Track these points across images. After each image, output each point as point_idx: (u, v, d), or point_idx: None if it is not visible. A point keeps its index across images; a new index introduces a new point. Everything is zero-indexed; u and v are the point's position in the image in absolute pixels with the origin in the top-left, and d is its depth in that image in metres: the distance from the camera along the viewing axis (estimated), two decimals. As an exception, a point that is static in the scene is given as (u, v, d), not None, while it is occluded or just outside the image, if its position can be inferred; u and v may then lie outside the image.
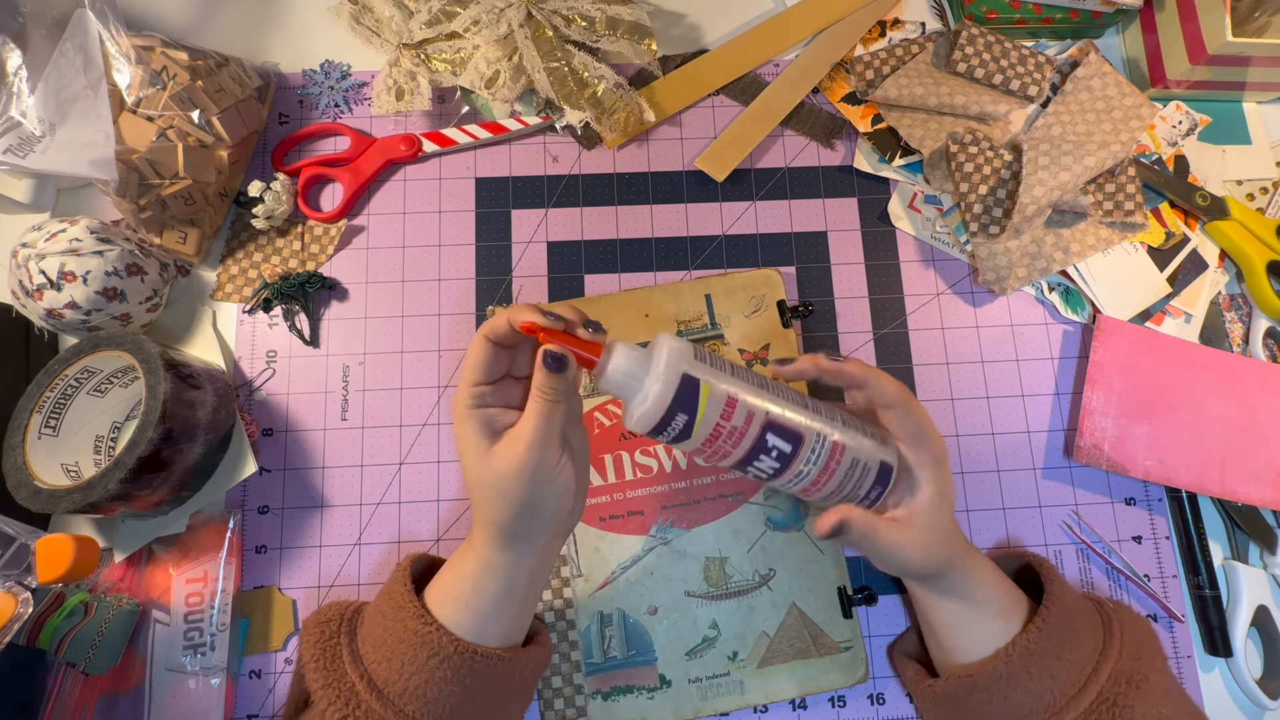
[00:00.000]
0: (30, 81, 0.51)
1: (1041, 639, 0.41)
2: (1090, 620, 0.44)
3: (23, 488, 0.46)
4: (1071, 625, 0.43)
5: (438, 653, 0.39)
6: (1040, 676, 0.41)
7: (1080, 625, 0.43)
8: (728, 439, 0.37)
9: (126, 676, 0.48)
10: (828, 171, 0.61)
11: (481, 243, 0.58)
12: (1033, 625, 0.42)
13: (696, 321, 0.56)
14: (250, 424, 0.53)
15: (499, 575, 0.40)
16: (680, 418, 0.36)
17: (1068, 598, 0.44)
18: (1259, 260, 0.58)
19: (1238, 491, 0.53)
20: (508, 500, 0.37)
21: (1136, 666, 0.42)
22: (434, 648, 0.39)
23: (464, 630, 0.40)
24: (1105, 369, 0.55)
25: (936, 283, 0.59)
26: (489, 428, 0.38)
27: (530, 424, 0.36)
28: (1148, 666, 0.42)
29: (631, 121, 0.59)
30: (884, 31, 0.64)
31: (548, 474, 0.37)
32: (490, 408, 0.38)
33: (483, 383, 0.38)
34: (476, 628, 0.40)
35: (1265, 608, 0.52)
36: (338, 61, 0.62)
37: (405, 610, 0.40)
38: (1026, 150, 0.55)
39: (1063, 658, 0.41)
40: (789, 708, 0.51)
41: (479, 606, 0.40)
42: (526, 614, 0.42)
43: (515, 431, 0.37)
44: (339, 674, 0.40)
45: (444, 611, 0.40)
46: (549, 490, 0.37)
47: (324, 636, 0.42)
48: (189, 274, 0.57)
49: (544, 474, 0.37)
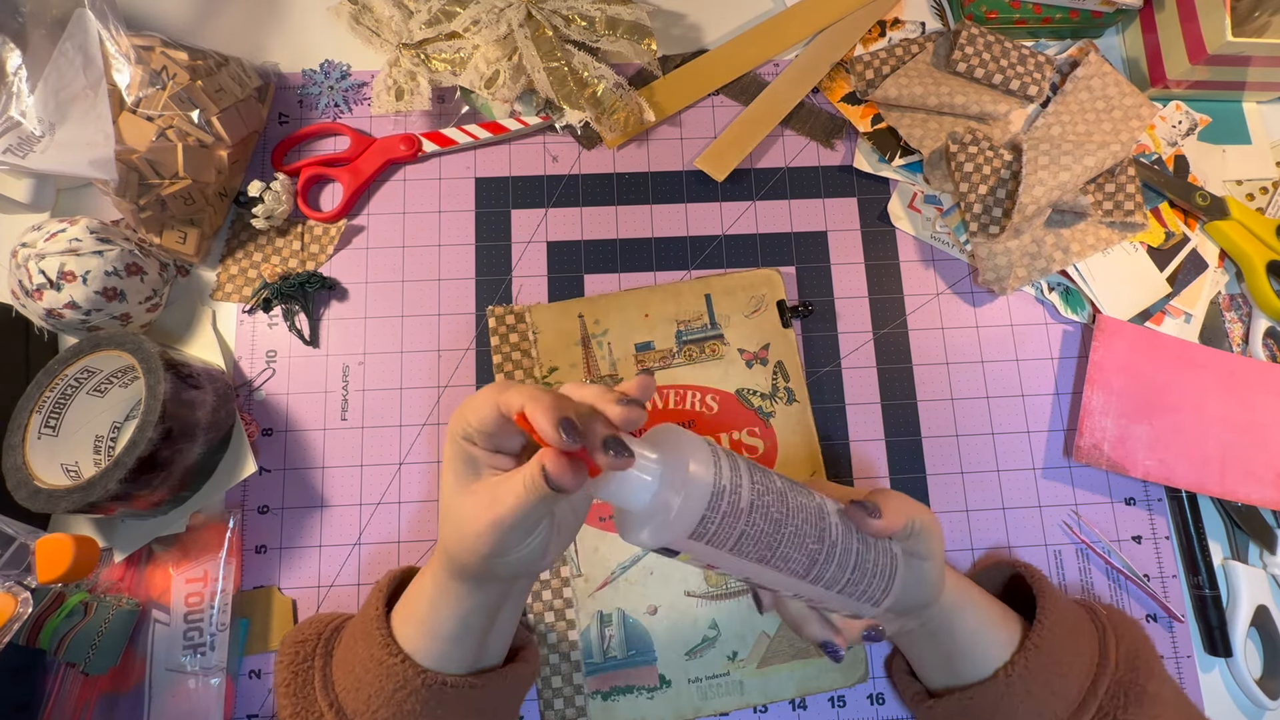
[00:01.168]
0: (30, 81, 0.51)
1: (1039, 656, 0.41)
2: (1085, 631, 0.43)
3: (22, 488, 0.46)
4: (1066, 640, 0.42)
5: (404, 686, 0.37)
6: (1039, 695, 0.40)
7: (1075, 638, 0.43)
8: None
9: (126, 676, 0.48)
10: (828, 171, 0.61)
11: (481, 243, 0.58)
12: (1029, 643, 0.41)
13: (696, 321, 0.56)
14: (250, 424, 0.53)
15: (452, 603, 0.37)
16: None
17: (1061, 611, 0.43)
18: (1259, 260, 0.58)
19: (1238, 491, 0.53)
20: (464, 548, 0.34)
21: (1133, 678, 0.41)
22: (400, 680, 0.37)
23: (427, 656, 0.38)
24: (1105, 369, 0.55)
25: (936, 283, 0.59)
26: (472, 462, 0.34)
27: (508, 503, 0.31)
28: (1144, 676, 0.41)
29: (631, 121, 0.59)
30: (884, 31, 0.64)
31: (516, 542, 0.33)
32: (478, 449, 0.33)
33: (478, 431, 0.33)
34: (438, 653, 0.38)
35: (1265, 608, 0.52)
36: (338, 61, 0.62)
37: (372, 638, 0.38)
38: (1026, 150, 0.55)
39: (1060, 673, 0.41)
40: (789, 708, 0.51)
41: (437, 631, 0.38)
42: (498, 640, 0.40)
43: (494, 495, 0.32)
44: (309, 702, 0.39)
45: (405, 631, 0.38)
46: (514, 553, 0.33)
47: (298, 659, 0.41)
48: (189, 274, 0.57)
49: (507, 548, 0.33)
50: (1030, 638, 0.42)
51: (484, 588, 0.37)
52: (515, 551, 0.33)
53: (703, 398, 0.55)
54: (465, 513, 0.33)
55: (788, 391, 0.55)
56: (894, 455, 0.55)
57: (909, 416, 0.56)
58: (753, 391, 0.55)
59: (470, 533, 0.33)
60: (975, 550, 0.54)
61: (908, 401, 0.56)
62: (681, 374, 0.55)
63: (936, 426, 0.56)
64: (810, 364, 0.57)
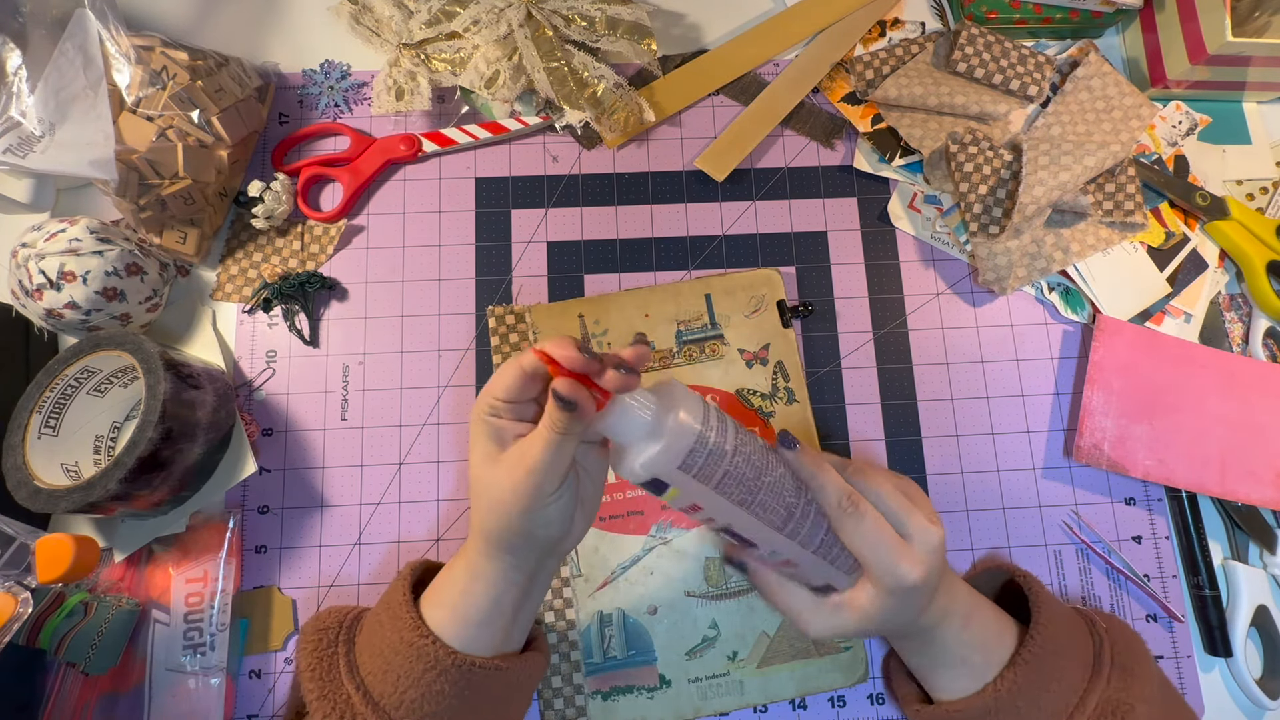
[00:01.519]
0: (30, 81, 0.51)
1: (1029, 672, 0.40)
2: (1080, 644, 0.43)
3: (23, 488, 0.46)
4: (1060, 654, 0.42)
5: (434, 666, 0.38)
6: (1028, 710, 0.40)
7: (1069, 653, 0.42)
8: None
9: (126, 676, 0.48)
10: (828, 171, 0.61)
11: (481, 243, 0.58)
12: (1019, 658, 0.41)
13: (696, 321, 0.56)
14: (250, 424, 0.53)
15: (486, 584, 0.39)
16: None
17: (1057, 624, 0.43)
18: (1259, 260, 0.58)
19: (1238, 491, 0.53)
20: (498, 514, 0.37)
21: (1124, 696, 0.41)
22: (430, 661, 0.38)
23: (455, 637, 0.39)
24: (1105, 369, 0.55)
25: (936, 283, 0.59)
26: (499, 436, 0.37)
27: (535, 451, 0.35)
28: (1136, 695, 0.41)
29: (631, 121, 0.59)
30: (884, 31, 0.64)
31: (543, 501, 0.36)
32: (504, 419, 0.37)
33: (504, 400, 0.37)
34: (467, 636, 0.39)
35: (1265, 608, 0.52)
36: (338, 61, 0.62)
37: (402, 621, 0.39)
38: (1026, 150, 0.55)
39: (1050, 689, 0.41)
40: (789, 708, 0.51)
41: (468, 615, 0.39)
42: (521, 625, 0.42)
43: (521, 450, 0.36)
44: (335, 684, 0.40)
45: (435, 615, 0.40)
46: (542, 515, 0.36)
47: (321, 645, 0.41)
48: (189, 274, 0.57)
49: (539, 500, 0.36)
50: (1021, 652, 0.41)
51: (518, 562, 0.39)
52: (549, 504, 0.36)
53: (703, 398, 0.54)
54: (497, 478, 0.36)
55: (788, 391, 0.55)
56: (894, 455, 0.55)
57: (909, 416, 0.56)
58: (753, 391, 0.55)
59: (507, 490, 0.36)
60: (975, 550, 0.54)
61: (908, 401, 0.56)
62: (681, 374, 0.55)
63: (936, 426, 0.56)
64: (810, 364, 0.57)
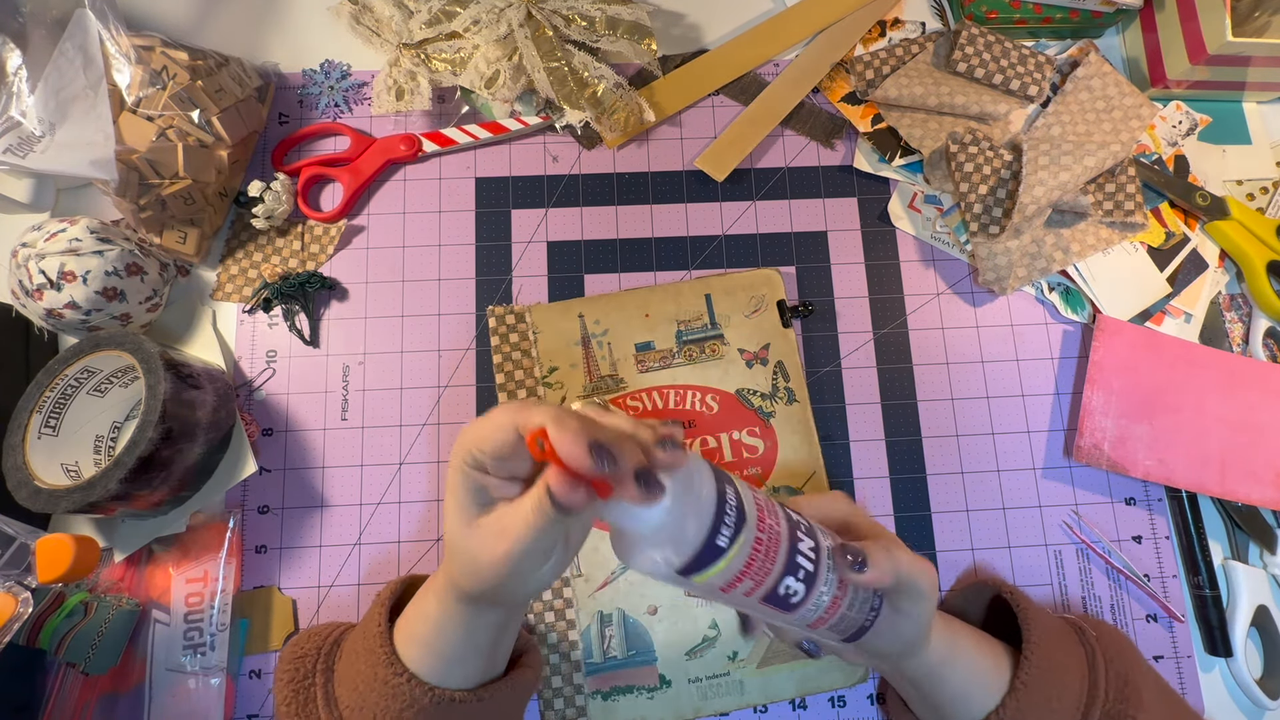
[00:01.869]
0: (30, 81, 0.51)
1: (1029, 694, 0.40)
2: (1074, 658, 0.43)
3: (23, 488, 0.46)
4: (1055, 674, 0.42)
5: (411, 705, 0.37)
6: None
7: (1064, 670, 0.42)
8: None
9: (126, 676, 0.48)
10: (828, 171, 0.61)
11: (481, 242, 0.58)
12: (1017, 683, 0.41)
13: (696, 321, 0.56)
14: (250, 424, 0.53)
15: (458, 625, 0.37)
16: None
17: (1049, 642, 0.42)
18: (1259, 260, 0.58)
19: (1238, 491, 0.53)
20: (473, 579, 0.33)
21: (1123, 708, 0.41)
22: (407, 700, 0.37)
23: (432, 673, 0.37)
24: (1105, 369, 0.55)
25: (936, 283, 0.59)
26: (479, 492, 0.32)
27: (518, 529, 0.30)
28: (1134, 706, 0.41)
29: (631, 121, 0.59)
30: (884, 31, 0.64)
31: (524, 576, 0.32)
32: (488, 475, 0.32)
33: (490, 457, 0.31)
34: (444, 671, 0.38)
35: (1265, 608, 0.52)
36: (338, 61, 0.62)
37: (376, 656, 0.38)
38: (1026, 150, 0.55)
39: (1050, 709, 0.41)
40: (789, 708, 0.51)
41: (442, 652, 0.37)
42: (503, 653, 0.40)
43: (503, 524, 0.31)
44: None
45: (411, 653, 0.38)
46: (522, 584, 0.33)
47: (298, 675, 0.41)
48: (189, 274, 0.57)
49: (520, 576, 0.32)
50: (1018, 676, 0.41)
51: (494, 610, 0.36)
52: (529, 578, 0.33)
53: (703, 398, 0.55)
54: (474, 549, 0.32)
55: (788, 391, 0.55)
56: (894, 455, 0.55)
57: (909, 416, 0.56)
58: (753, 391, 0.55)
59: (484, 566, 0.32)
60: (975, 551, 0.54)
61: (908, 401, 0.56)
62: (681, 374, 0.55)
63: (936, 426, 0.56)
64: (810, 364, 0.57)
